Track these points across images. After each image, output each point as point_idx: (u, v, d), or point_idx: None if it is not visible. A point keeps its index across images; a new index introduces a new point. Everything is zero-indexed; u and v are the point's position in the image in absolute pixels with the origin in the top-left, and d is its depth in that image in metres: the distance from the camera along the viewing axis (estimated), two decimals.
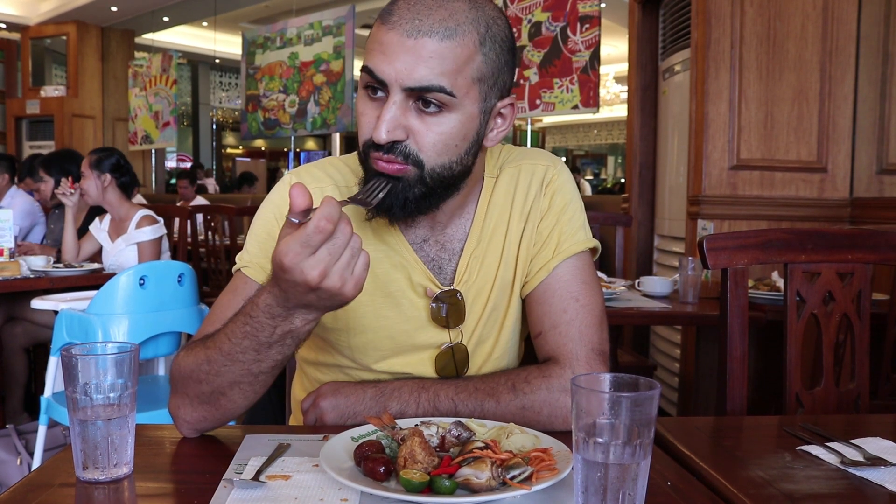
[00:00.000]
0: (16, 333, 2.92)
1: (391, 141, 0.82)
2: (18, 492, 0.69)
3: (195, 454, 0.83)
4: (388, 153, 0.83)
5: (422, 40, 0.79)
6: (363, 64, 0.83)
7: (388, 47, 0.80)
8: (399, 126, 0.82)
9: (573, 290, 0.96)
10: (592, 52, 3.93)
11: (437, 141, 0.84)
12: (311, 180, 0.96)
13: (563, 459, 0.73)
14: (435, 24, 0.80)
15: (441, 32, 0.80)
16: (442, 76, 0.80)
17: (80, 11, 8.77)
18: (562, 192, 0.99)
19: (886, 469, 0.77)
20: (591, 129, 16.55)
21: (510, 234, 0.98)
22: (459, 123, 0.84)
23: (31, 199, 4.03)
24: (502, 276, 0.98)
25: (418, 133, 0.83)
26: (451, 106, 0.82)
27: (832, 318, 1.22)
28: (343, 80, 5.75)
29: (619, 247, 3.02)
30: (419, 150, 0.83)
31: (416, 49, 0.79)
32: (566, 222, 0.98)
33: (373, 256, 0.89)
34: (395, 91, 0.81)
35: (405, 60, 0.79)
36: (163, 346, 2.18)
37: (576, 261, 0.97)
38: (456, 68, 0.81)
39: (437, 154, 0.84)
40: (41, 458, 2.06)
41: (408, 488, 0.68)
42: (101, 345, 0.76)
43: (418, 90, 0.80)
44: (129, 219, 2.89)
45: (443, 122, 0.83)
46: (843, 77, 2.70)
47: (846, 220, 2.72)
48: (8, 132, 9.57)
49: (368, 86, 0.83)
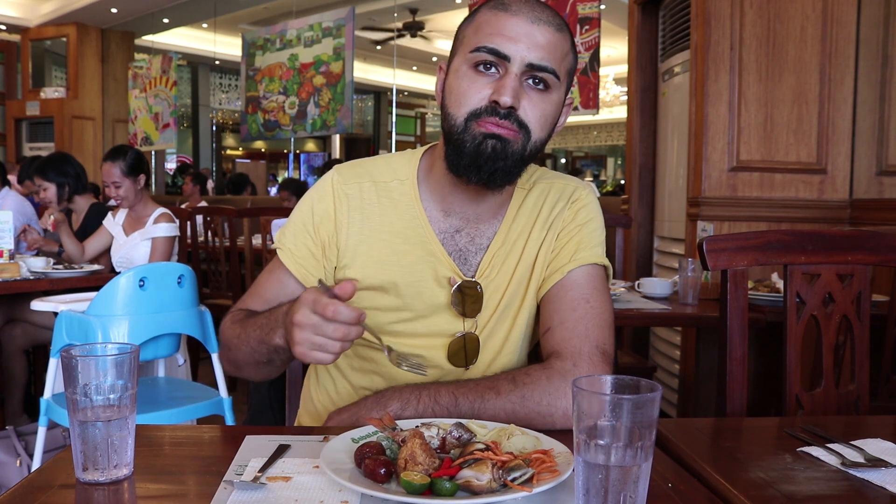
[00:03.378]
0: (15, 335, 2.92)
1: (511, 106, 0.91)
2: (18, 493, 0.69)
3: (195, 455, 0.83)
4: (504, 119, 0.92)
5: (542, 27, 0.93)
6: (476, 45, 0.93)
7: (511, 29, 0.92)
8: (517, 95, 0.92)
9: (585, 292, 1.01)
10: (592, 54, 3.93)
11: (541, 115, 0.95)
12: (350, 176, 1.05)
13: (564, 461, 0.73)
14: (550, 17, 0.94)
15: (556, 25, 0.94)
16: (553, 60, 0.93)
17: (80, 13, 8.78)
18: (587, 209, 1.08)
19: (887, 470, 0.77)
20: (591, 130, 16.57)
21: (531, 239, 1.05)
22: (554, 105, 0.97)
23: (22, 200, 4.03)
24: (518, 277, 1.05)
25: (528, 106, 0.93)
26: (553, 88, 0.95)
27: (832, 320, 1.22)
28: (343, 82, 5.75)
29: (619, 248, 3.02)
30: (528, 121, 0.93)
31: (536, 34, 0.92)
32: (587, 234, 1.05)
33: (402, 248, 1.02)
34: (515, 65, 0.92)
35: (528, 41, 0.92)
36: (162, 347, 2.17)
37: (591, 269, 1.03)
38: (561, 56, 0.95)
39: (540, 127, 0.95)
40: (41, 459, 2.06)
41: (408, 490, 0.68)
42: (100, 346, 0.76)
43: (537, 67, 0.92)
44: (148, 214, 2.96)
45: (546, 100, 0.95)
46: (842, 79, 2.70)
47: (846, 221, 2.72)
48: (8, 134, 9.57)
49: (481, 63, 0.93)
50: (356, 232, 1.02)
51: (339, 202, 1.03)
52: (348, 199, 1.03)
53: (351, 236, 1.02)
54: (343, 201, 1.03)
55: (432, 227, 1.03)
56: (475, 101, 0.93)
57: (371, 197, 1.03)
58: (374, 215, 1.03)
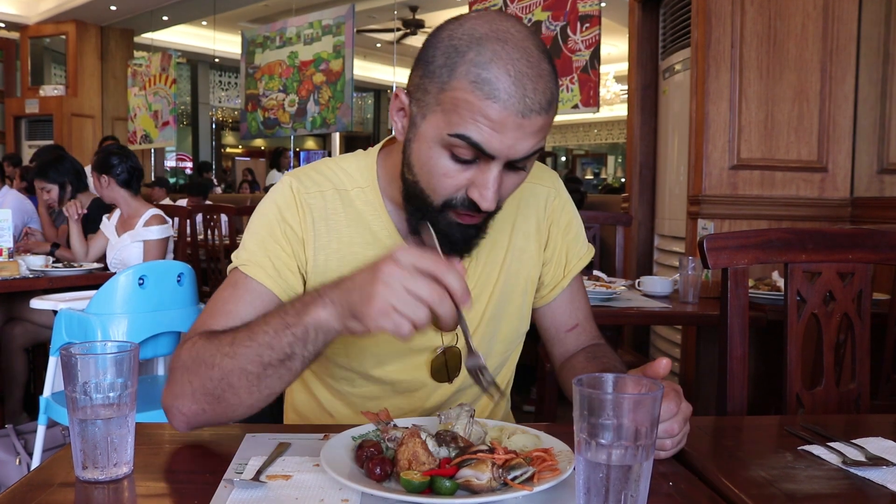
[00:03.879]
0: (15, 333, 2.92)
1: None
2: (18, 492, 0.69)
3: (195, 454, 0.82)
4: (478, 212, 0.84)
5: (532, 118, 0.79)
6: (456, 132, 0.79)
7: (498, 125, 0.78)
8: (498, 191, 0.83)
9: (583, 283, 1.14)
10: (592, 52, 3.93)
11: (516, 186, 0.87)
12: (311, 184, 0.96)
13: (565, 460, 0.73)
14: (541, 97, 0.79)
15: (546, 106, 0.80)
16: (541, 140, 0.83)
17: (80, 11, 8.77)
18: (565, 209, 1.09)
19: (888, 469, 0.77)
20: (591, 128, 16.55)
21: (514, 248, 1.03)
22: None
23: (22, 198, 4.02)
24: (503, 288, 1.02)
25: (504, 186, 0.85)
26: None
27: (833, 318, 1.22)
28: (343, 80, 5.74)
29: (619, 246, 3.02)
30: (501, 199, 0.86)
31: (527, 126, 0.79)
32: (574, 235, 1.10)
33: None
34: (499, 163, 0.81)
35: (515, 136, 0.79)
36: (162, 345, 2.17)
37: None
38: (547, 130, 0.83)
39: (512, 193, 0.88)
40: (40, 457, 2.06)
41: (408, 489, 0.68)
42: (100, 344, 0.76)
43: (521, 158, 0.82)
44: (139, 216, 2.91)
45: (525, 170, 0.87)
46: (843, 77, 2.70)
47: (847, 219, 2.72)
48: (7, 131, 9.56)
49: (460, 151, 0.81)
50: (323, 245, 0.94)
51: (304, 212, 0.93)
52: (311, 209, 0.94)
53: (318, 250, 0.94)
54: (307, 212, 0.94)
55: (403, 238, 0.96)
56: (450, 190, 0.84)
57: (335, 206, 0.95)
58: (340, 227, 0.94)
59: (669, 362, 0.76)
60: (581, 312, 1.11)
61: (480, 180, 0.82)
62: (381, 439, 0.77)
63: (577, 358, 1.06)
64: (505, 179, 0.84)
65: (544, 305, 1.10)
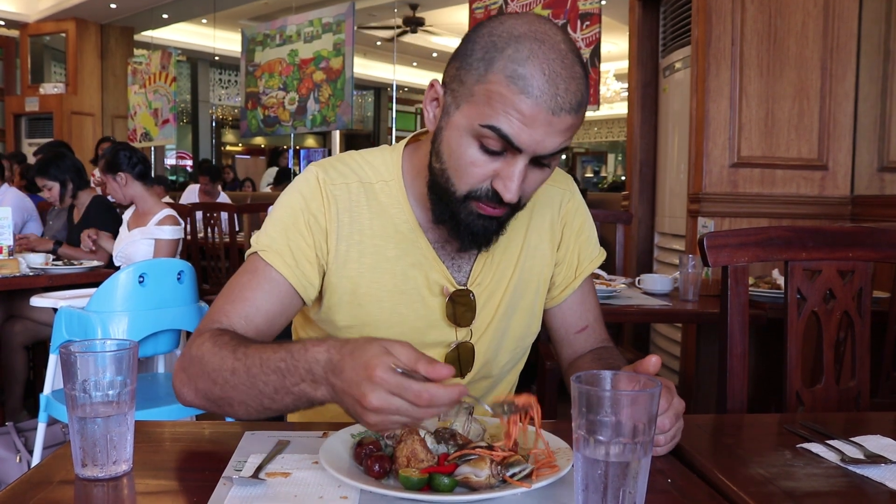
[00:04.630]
0: (15, 331, 2.92)
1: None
2: (18, 489, 0.69)
3: (194, 451, 0.83)
4: (501, 204, 0.87)
5: (562, 116, 0.81)
6: (488, 122, 0.82)
7: (528, 119, 0.80)
8: (521, 185, 0.85)
9: (593, 285, 1.16)
10: (593, 50, 3.93)
11: (539, 183, 0.89)
12: (336, 176, 0.98)
13: (564, 457, 0.73)
14: (572, 98, 0.82)
15: (577, 107, 0.83)
16: (568, 140, 0.85)
17: (80, 8, 8.76)
18: (578, 212, 1.11)
19: (887, 467, 0.77)
20: (592, 126, 16.54)
21: (528, 247, 1.05)
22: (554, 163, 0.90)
23: (22, 195, 4.02)
24: (516, 285, 1.04)
25: (528, 185, 0.87)
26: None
27: (833, 316, 1.22)
28: (343, 78, 5.74)
29: (620, 244, 3.02)
30: (524, 195, 0.89)
31: (556, 124, 0.81)
32: (586, 237, 1.11)
33: (393, 254, 0.97)
34: (526, 157, 0.84)
35: (545, 132, 0.82)
36: (162, 343, 2.18)
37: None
38: (575, 130, 0.85)
39: (535, 191, 0.91)
40: (40, 455, 2.06)
41: (407, 486, 0.68)
42: (100, 342, 0.76)
43: (547, 155, 0.84)
44: (152, 214, 2.88)
45: (550, 167, 0.89)
46: (843, 74, 2.70)
47: (847, 217, 2.72)
48: (7, 129, 9.56)
49: (489, 141, 0.83)
50: (346, 236, 0.96)
51: (329, 203, 0.95)
52: (336, 200, 0.96)
53: (341, 240, 0.95)
54: (332, 202, 0.95)
55: (424, 232, 0.98)
56: (476, 180, 0.86)
57: (359, 199, 0.97)
58: (362, 218, 0.96)
59: (659, 359, 0.77)
60: (591, 314, 1.12)
61: (506, 172, 0.84)
62: (380, 437, 0.77)
63: (583, 359, 1.07)
64: (529, 175, 0.86)
65: (555, 306, 1.11)
